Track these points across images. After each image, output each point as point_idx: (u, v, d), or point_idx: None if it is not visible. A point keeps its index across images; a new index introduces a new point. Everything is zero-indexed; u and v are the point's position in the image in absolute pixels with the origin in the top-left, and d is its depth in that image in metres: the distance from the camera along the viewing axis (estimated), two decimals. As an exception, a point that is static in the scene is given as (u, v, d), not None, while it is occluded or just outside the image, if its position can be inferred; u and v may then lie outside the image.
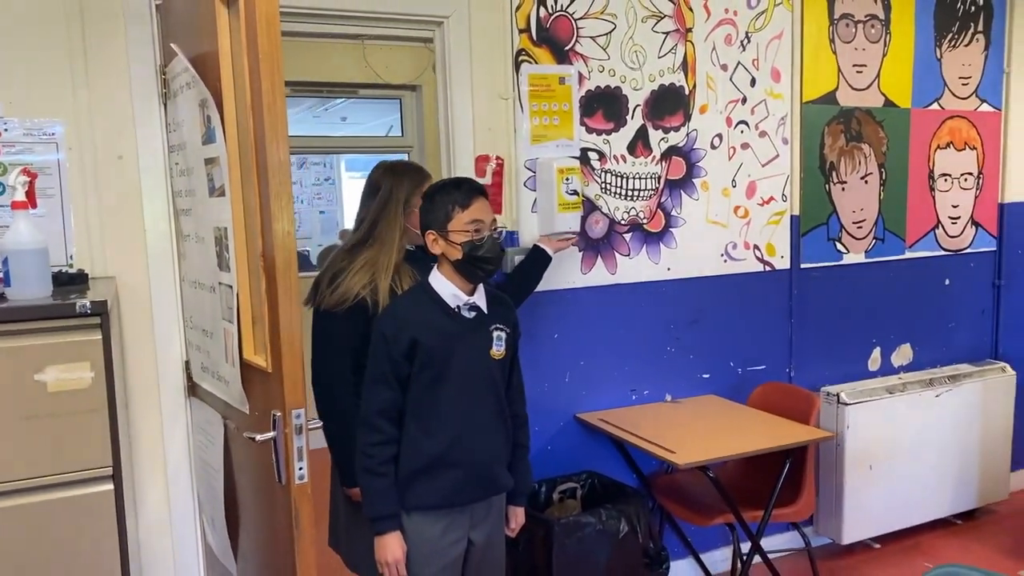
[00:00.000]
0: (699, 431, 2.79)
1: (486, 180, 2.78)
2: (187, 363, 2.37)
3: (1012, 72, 3.85)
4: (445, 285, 2.03)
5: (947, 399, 3.58)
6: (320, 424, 2.16)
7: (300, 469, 1.66)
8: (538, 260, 2.70)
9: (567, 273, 2.96)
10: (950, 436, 3.60)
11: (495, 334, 2.08)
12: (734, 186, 3.26)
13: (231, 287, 1.88)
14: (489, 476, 2.08)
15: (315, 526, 1.72)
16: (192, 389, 2.36)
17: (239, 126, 1.81)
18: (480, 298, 2.07)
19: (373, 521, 1.99)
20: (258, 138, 1.66)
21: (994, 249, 3.93)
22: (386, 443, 1.98)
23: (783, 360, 3.43)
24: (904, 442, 3.47)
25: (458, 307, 2.03)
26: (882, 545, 3.51)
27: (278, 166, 1.62)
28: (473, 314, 2.05)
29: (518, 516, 2.23)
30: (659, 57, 3.06)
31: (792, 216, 3.40)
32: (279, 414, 1.68)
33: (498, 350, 2.08)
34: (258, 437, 1.71)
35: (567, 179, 2.82)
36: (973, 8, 3.74)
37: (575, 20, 2.90)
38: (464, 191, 2.02)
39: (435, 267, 2.06)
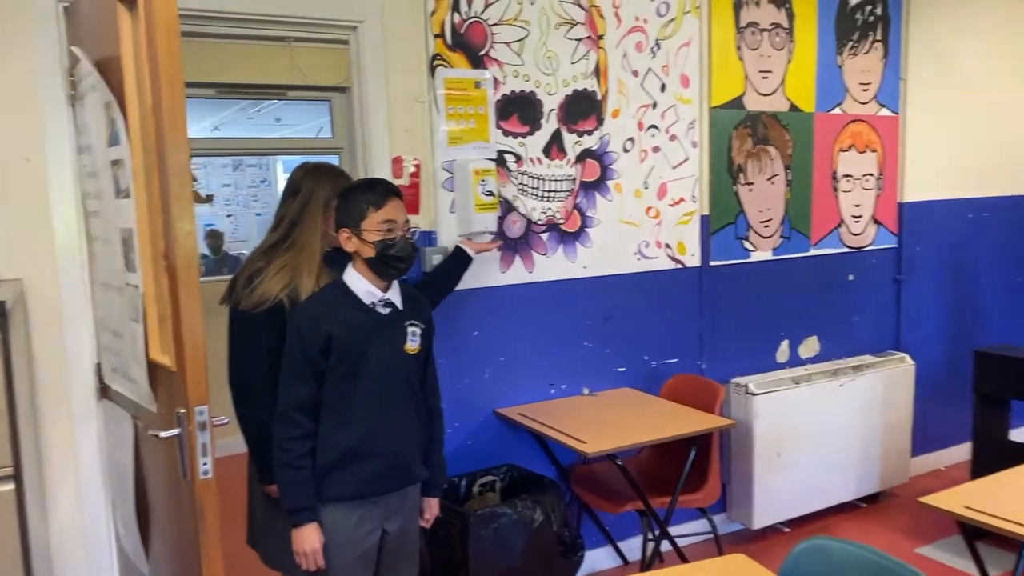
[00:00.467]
0: (612, 422, 2.90)
1: (403, 181, 2.84)
2: (99, 365, 2.37)
3: (908, 79, 4.09)
4: (359, 282, 2.09)
5: (851, 389, 3.78)
6: (226, 422, 2.19)
7: (204, 465, 1.70)
8: (459, 260, 2.78)
9: (486, 272, 3.04)
10: (854, 424, 3.80)
11: (409, 329, 2.14)
12: (646, 188, 3.39)
13: (137, 287, 1.90)
14: (403, 467, 2.15)
15: (229, 524, 1.75)
16: (104, 391, 2.36)
17: (142, 129, 1.83)
18: (395, 294, 2.13)
19: (291, 513, 2.04)
20: (159, 141, 1.70)
21: (895, 246, 4.16)
22: (303, 437, 2.04)
23: (695, 353, 3.57)
24: (811, 430, 3.65)
25: (373, 303, 2.09)
26: (792, 529, 3.68)
27: (179, 168, 1.66)
28: (388, 310, 2.11)
29: (432, 507, 2.30)
30: (572, 63, 3.17)
31: (702, 216, 3.54)
32: (183, 411, 1.71)
33: (412, 345, 2.15)
34: (162, 434, 1.74)
35: (483, 180, 2.90)
36: (872, 18, 3.95)
37: (489, 26, 2.98)
38: (378, 192, 2.08)
39: (350, 264, 2.12)
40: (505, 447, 3.13)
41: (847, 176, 3.96)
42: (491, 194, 2.90)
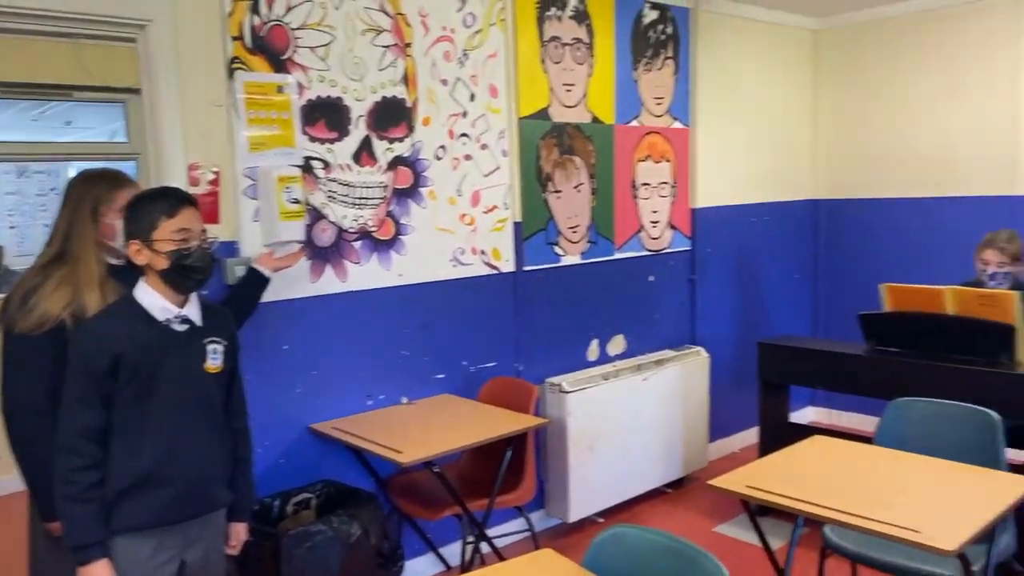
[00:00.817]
0: (430, 429, 2.91)
1: (200, 189, 2.70)
2: None
3: (698, 93, 4.43)
4: (152, 297, 1.96)
5: (654, 382, 4.03)
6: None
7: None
8: (253, 283, 2.67)
9: (295, 282, 2.95)
10: (658, 415, 4.06)
11: (210, 347, 2.03)
12: (460, 195, 3.44)
13: None
14: (202, 493, 2.03)
15: (12, 571, 1.57)
16: None
17: None
18: (192, 310, 2.01)
19: (76, 551, 1.87)
20: None
21: (689, 248, 4.49)
22: (89, 467, 1.87)
23: (511, 356, 3.67)
24: (620, 423, 3.86)
25: (168, 320, 1.96)
26: (605, 519, 3.87)
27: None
28: (185, 327, 1.99)
29: (238, 533, 2.20)
30: (380, 70, 3.15)
31: (515, 223, 3.65)
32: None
33: (214, 363, 2.03)
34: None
35: (288, 188, 2.82)
36: (664, 36, 4.25)
37: (291, 30, 2.90)
38: (171, 200, 1.96)
39: (141, 279, 1.98)
40: (321, 463, 3.05)
41: (645, 184, 4.23)
42: (297, 202, 2.82)
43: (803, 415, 5.25)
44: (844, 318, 4.53)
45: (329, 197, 3.05)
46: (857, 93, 5.00)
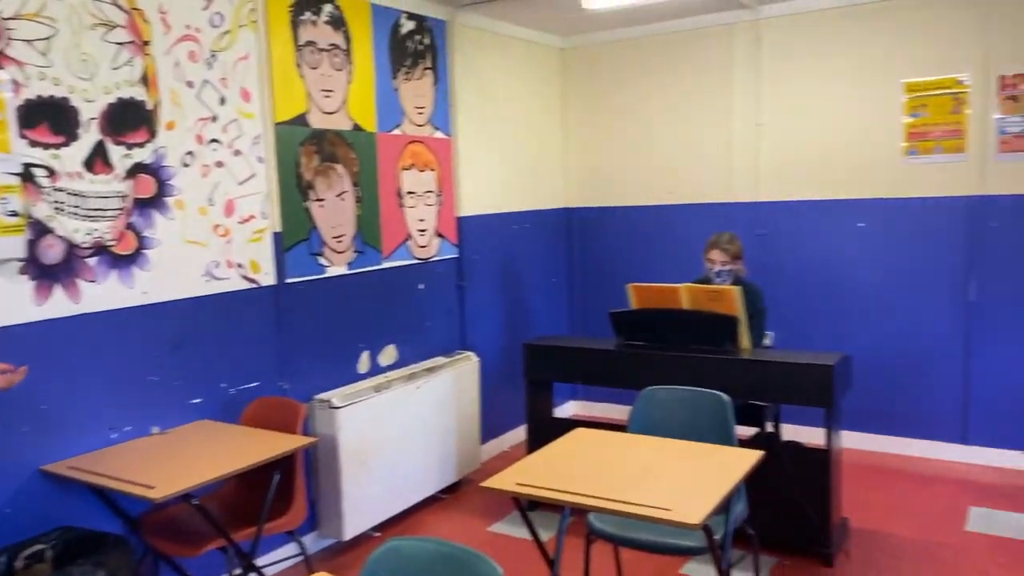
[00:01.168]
0: (186, 460, 2.69)
1: None
2: None
3: (457, 103, 4.54)
4: None
5: (426, 389, 4.06)
6: None
7: None
8: None
9: (17, 306, 2.59)
10: (432, 422, 4.09)
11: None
12: (212, 204, 3.22)
13: None
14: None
15: None
16: None
17: None
18: None
19: None
20: None
21: (456, 256, 4.58)
22: None
23: (275, 375, 3.50)
24: (394, 434, 3.83)
25: None
26: (382, 533, 3.81)
27: None
28: None
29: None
30: (114, 68, 2.86)
31: (275, 233, 3.49)
32: None
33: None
34: None
35: (3, 199, 2.46)
36: (422, 47, 4.30)
37: (2, 20, 2.54)
38: None
39: None
40: (57, 508, 2.69)
41: (411, 193, 4.25)
42: (15, 214, 2.47)
43: (566, 409, 5.56)
44: (598, 317, 4.87)
45: (56, 208, 2.71)
46: (601, 108, 5.40)
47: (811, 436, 3.64)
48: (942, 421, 4.51)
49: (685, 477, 2.39)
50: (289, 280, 3.55)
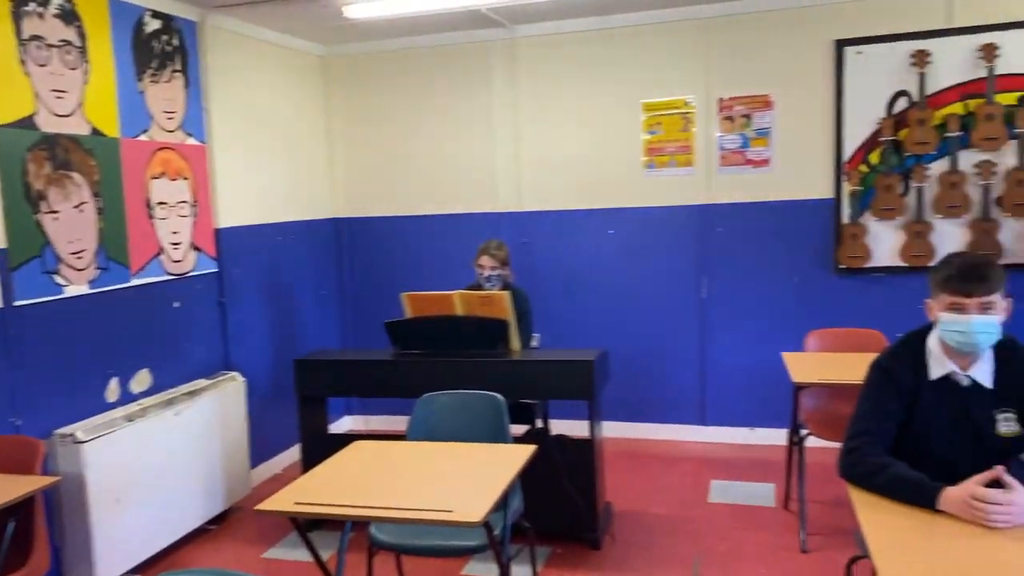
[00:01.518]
0: None
1: None
2: None
3: (212, 109, 4.28)
4: None
5: (188, 415, 3.77)
6: None
7: None
8: None
9: None
10: (195, 449, 3.81)
11: None
12: (-87, 218, 2.76)
13: None
14: None
15: None
16: None
17: None
18: None
19: None
20: None
21: (216, 270, 4.31)
22: None
23: (6, 410, 3.07)
24: (151, 465, 3.52)
25: None
26: (143, 573, 3.49)
27: None
28: None
29: None
30: None
31: (-2, 250, 3.07)
32: None
33: None
34: None
35: None
36: (170, 48, 4.00)
37: None
38: None
39: None
40: None
41: (162, 203, 3.94)
42: None
43: (341, 425, 5.45)
44: (372, 328, 4.83)
45: None
46: (368, 118, 5.37)
47: (577, 429, 3.89)
48: (684, 406, 5.03)
49: (464, 478, 2.45)
50: (18, 303, 3.13)
